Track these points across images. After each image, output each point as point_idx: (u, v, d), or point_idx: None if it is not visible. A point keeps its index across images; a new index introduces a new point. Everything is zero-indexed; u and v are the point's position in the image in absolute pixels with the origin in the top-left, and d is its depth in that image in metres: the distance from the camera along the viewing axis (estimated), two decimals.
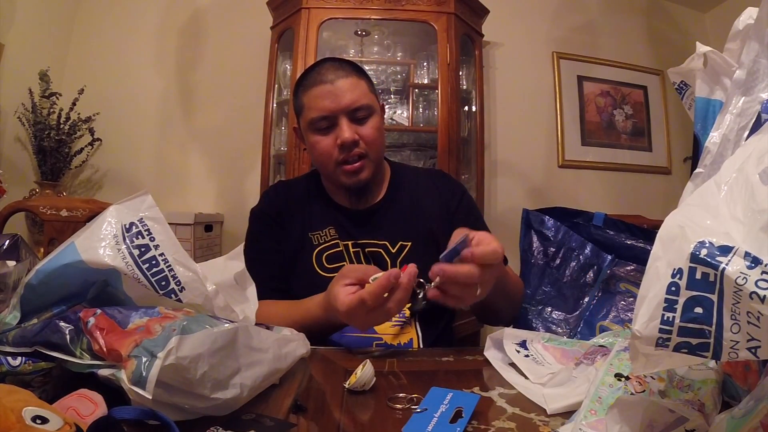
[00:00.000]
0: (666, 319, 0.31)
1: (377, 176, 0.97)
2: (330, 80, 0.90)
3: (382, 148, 0.97)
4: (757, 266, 0.28)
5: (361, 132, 0.90)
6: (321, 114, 0.89)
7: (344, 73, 0.92)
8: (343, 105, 0.89)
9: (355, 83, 0.91)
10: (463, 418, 0.45)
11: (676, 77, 0.61)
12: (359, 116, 0.91)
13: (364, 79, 0.95)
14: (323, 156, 0.92)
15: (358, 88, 0.91)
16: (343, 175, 0.92)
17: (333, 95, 0.89)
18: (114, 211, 0.55)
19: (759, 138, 0.38)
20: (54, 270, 0.51)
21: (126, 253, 0.52)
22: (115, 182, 2.35)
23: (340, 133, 0.89)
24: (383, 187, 1.00)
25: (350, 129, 0.89)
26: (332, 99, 0.89)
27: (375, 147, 0.93)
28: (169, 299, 0.52)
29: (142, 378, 0.39)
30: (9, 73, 2.03)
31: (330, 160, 0.91)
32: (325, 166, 0.93)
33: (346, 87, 0.90)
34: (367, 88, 0.94)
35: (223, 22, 2.46)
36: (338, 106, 0.89)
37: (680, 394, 0.40)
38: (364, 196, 0.97)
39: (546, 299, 0.92)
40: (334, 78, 0.90)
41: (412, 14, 2.07)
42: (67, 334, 0.44)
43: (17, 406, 0.31)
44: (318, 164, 0.96)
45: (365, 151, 0.91)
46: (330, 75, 0.91)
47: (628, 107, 2.73)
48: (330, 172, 0.93)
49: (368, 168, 0.92)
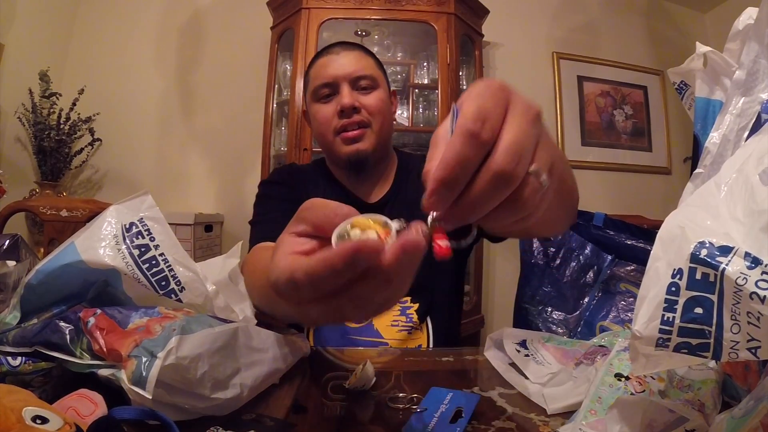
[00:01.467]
0: (666, 319, 0.31)
1: (380, 154, 0.91)
2: (336, 51, 0.90)
3: (387, 123, 0.91)
4: (758, 267, 0.28)
5: (363, 100, 0.87)
6: (323, 81, 0.88)
7: (352, 47, 0.91)
8: (346, 72, 0.87)
9: (361, 56, 0.90)
10: (463, 418, 0.45)
11: (676, 77, 0.61)
12: (362, 85, 0.88)
13: (373, 58, 0.93)
14: (322, 125, 0.89)
15: (364, 60, 0.90)
16: (341, 144, 0.87)
17: (337, 63, 0.88)
18: (114, 211, 0.55)
19: (759, 139, 0.38)
20: (54, 270, 0.51)
21: (126, 253, 0.52)
22: (115, 182, 2.35)
23: (339, 99, 0.86)
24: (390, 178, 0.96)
25: (351, 95, 0.86)
26: (335, 67, 0.88)
27: (379, 119, 0.88)
28: (169, 299, 0.52)
29: (142, 378, 0.39)
30: (9, 73, 2.03)
31: (329, 129, 0.88)
32: (324, 136, 0.90)
33: (352, 57, 0.89)
34: (374, 64, 0.92)
35: (223, 22, 2.46)
36: (340, 72, 0.87)
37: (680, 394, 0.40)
38: (363, 172, 0.91)
39: (546, 299, 0.92)
40: (341, 50, 0.90)
41: (412, 14, 2.07)
42: (67, 334, 0.44)
43: (17, 406, 0.31)
44: (318, 136, 0.92)
45: (366, 119, 0.87)
46: (337, 48, 0.91)
47: (628, 107, 2.73)
48: (329, 142, 0.89)
49: (369, 139, 0.87)
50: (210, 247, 2.17)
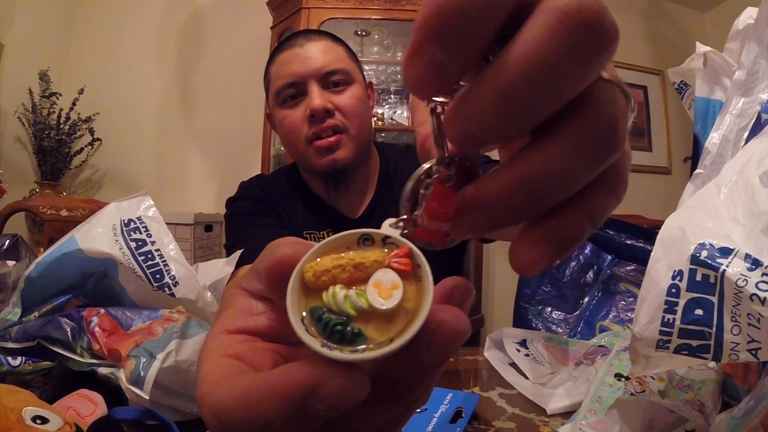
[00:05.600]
0: (666, 321, 0.31)
1: (360, 162, 0.79)
2: (299, 44, 0.76)
3: (366, 125, 0.78)
4: (758, 268, 0.28)
5: (336, 101, 0.74)
6: (287, 81, 0.74)
7: (317, 38, 0.77)
8: (313, 68, 0.74)
9: (329, 46, 0.76)
10: (463, 418, 0.45)
11: (676, 77, 0.61)
12: (334, 80, 0.75)
13: (343, 46, 0.80)
14: (292, 134, 0.75)
15: (333, 51, 0.76)
16: (314, 155, 0.75)
17: (301, 58, 0.74)
18: (113, 208, 0.56)
19: (759, 141, 0.38)
20: (53, 260, 0.51)
21: (123, 244, 0.52)
22: (115, 182, 2.35)
23: (309, 102, 0.73)
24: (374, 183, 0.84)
25: (321, 96, 0.73)
26: (300, 62, 0.74)
27: (355, 121, 0.75)
28: (163, 293, 0.52)
29: (140, 378, 0.39)
30: (9, 73, 2.03)
31: (299, 138, 0.74)
32: (294, 146, 0.76)
33: (318, 49, 0.75)
34: (345, 54, 0.78)
35: (223, 22, 2.45)
36: (307, 69, 0.73)
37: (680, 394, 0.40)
38: (344, 184, 0.78)
39: (546, 299, 0.92)
40: (305, 41, 0.76)
41: (412, 14, 2.06)
42: (68, 331, 0.44)
43: (17, 406, 0.31)
44: (287, 146, 0.79)
45: (342, 123, 0.74)
46: (300, 39, 0.77)
47: None
48: (300, 153, 0.76)
49: (347, 146, 0.75)
50: (210, 247, 2.17)
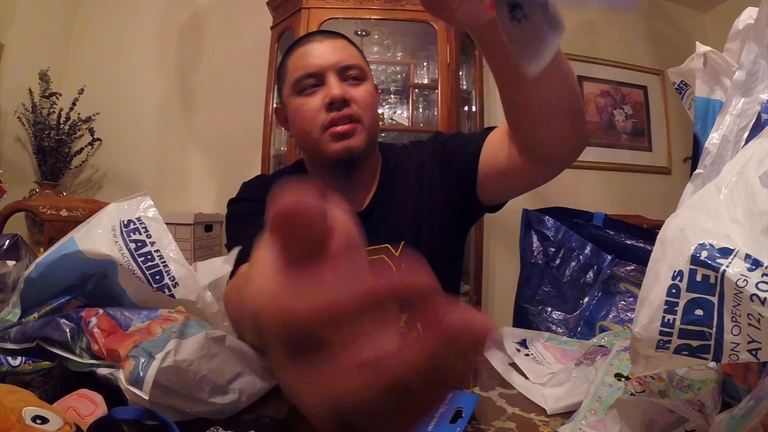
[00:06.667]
0: (666, 321, 0.31)
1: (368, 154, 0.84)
2: (318, 40, 0.82)
3: (376, 119, 0.84)
4: (758, 268, 0.28)
5: (352, 92, 0.79)
6: (307, 71, 0.79)
7: (335, 36, 0.84)
8: (332, 61, 0.79)
9: (346, 44, 0.83)
10: (463, 418, 0.45)
11: (676, 77, 0.61)
12: (351, 75, 0.80)
13: (357, 48, 0.86)
14: (307, 121, 0.79)
15: (350, 49, 0.83)
16: (329, 140, 0.78)
17: (321, 52, 0.80)
18: (113, 208, 0.56)
19: (759, 141, 0.38)
20: (53, 262, 0.51)
21: (123, 245, 0.52)
22: (115, 182, 2.35)
23: (328, 90, 0.77)
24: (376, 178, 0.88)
25: (340, 86, 0.78)
26: (319, 56, 0.79)
27: (369, 114, 0.81)
28: (163, 293, 0.52)
29: (139, 378, 0.39)
30: (9, 73, 2.03)
31: (315, 125, 0.78)
32: (308, 134, 0.80)
33: (336, 46, 0.81)
34: (359, 55, 0.85)
35: (223, 22, 2.45)
36: (326, 62, 0.79)
37: (680, 394, 0.40)
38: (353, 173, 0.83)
39: (546, 299, 0.92)
40: (323, 38, 0.82)
41: (412, 14, 2.06)
42: (68, 332, 0.44)
43: (17, 406, 0.31)
44: (301, 134, 0.82)
45: (357, 114, 0.79)
46: (318, 36, 0.84)
47: (628, 107, 2.73)
48: (315, 140, 0.80)
49: (360, 135, 0.79)
50: (210, 247, 2.17)
